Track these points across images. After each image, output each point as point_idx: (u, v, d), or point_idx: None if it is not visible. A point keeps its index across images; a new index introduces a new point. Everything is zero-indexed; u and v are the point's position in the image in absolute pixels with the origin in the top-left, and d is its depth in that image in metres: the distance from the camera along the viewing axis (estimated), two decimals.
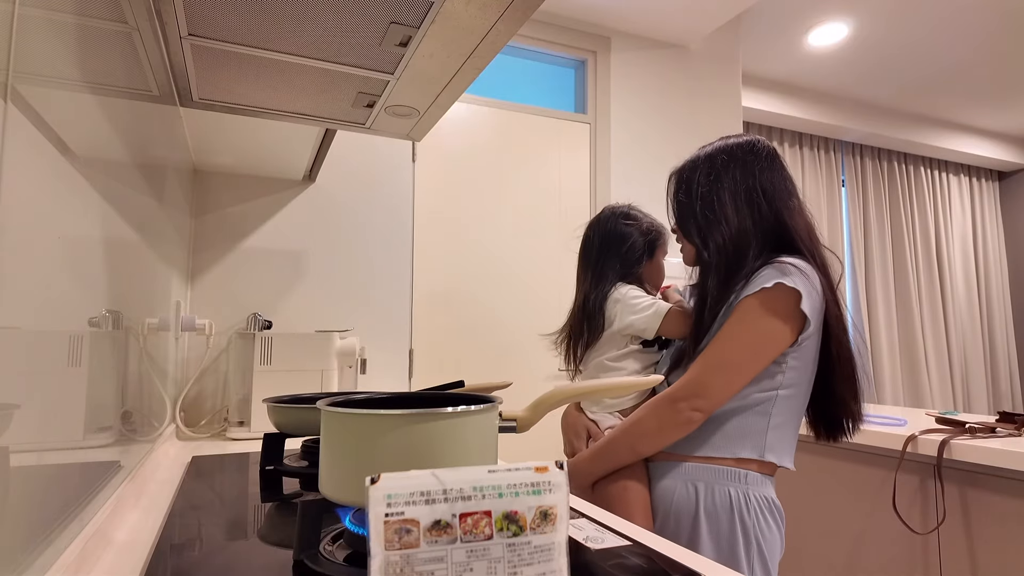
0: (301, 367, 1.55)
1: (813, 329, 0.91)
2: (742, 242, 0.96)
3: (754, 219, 0.97)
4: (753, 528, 0.89)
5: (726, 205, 0.97)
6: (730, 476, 0.91)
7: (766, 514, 0.91)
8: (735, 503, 0.90)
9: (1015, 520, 1.23)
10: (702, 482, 0.92)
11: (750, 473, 0.92)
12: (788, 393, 0.93)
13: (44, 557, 0.49)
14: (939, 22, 2.93)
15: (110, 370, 0.75)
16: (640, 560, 0.63)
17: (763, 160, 1.00)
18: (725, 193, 0.98)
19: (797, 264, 0.91)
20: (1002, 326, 4.53)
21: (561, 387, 0.69)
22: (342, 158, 1.90)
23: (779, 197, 0.99)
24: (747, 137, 1.03)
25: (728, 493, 0.90)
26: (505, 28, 0.84)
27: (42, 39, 0.46)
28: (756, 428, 0.92)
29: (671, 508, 0.94)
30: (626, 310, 1.13)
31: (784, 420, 0.93)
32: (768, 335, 0.89)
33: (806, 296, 0.88)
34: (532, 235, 2.33)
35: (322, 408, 0.58)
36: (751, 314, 0.90)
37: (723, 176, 0.99)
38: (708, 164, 1.01)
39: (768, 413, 0.92)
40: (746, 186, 0.98)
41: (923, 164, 4.37)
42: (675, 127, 2.64)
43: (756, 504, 0.90)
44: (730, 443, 0.92)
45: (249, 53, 0.94)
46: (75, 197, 0.57)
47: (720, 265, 0.97)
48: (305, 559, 0.58)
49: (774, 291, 0.89)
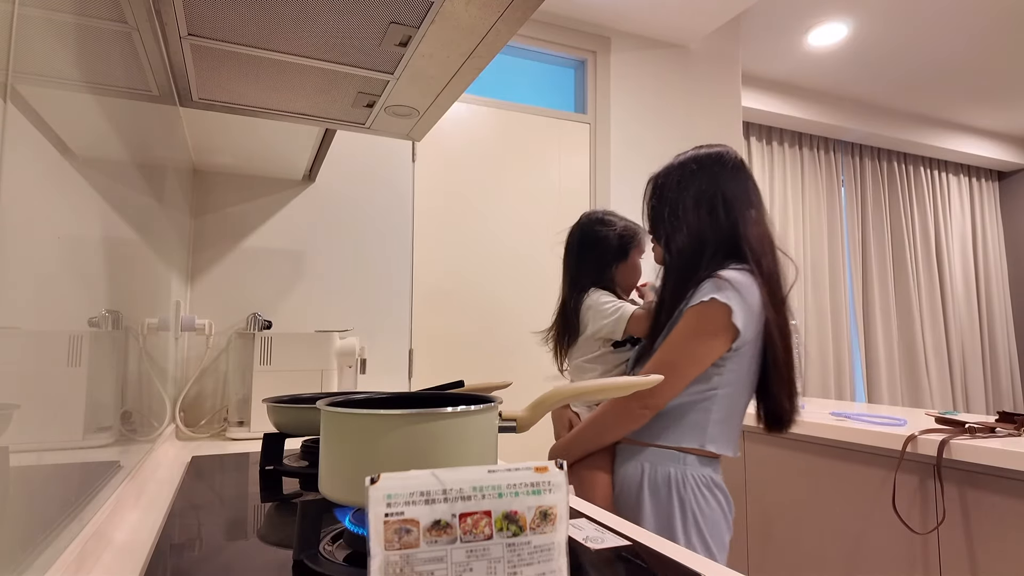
0: (301, 367, 1.55)
1: (749, 338, 1.02)
2: (698, 247, 1.06)
3: (712, 226, 1.06)
4: (690, 502, 1.02)
5: (689, 211, 1.08)
6: (672, 458, 1.05)
7: (704, 491, 1.03)
8: (674, 480, 1.03)
9: (1015, 520, 1.23)
10: (648, 462, 1.06)
11: (689, 456, 1.05)
12: (727, 392, 1.04)
13: (44, 557, 0.49)
14: (938, 22, 2.93)
15: (110, 370, 0.75)
16: (640, 560, 0.63)
17: (729, 170, 1.10)
18: (690, 200, 1.08)
19: (733, 279, 1.01)
20: (1002, 326, 4.54)
21: (561, 387, 0.69)
22: (342, 158, 1.90)
23: (738, 206, 1.07)
24: (718, 148, 1.13)
25: (669, 472, 1.04)
26: (505, 28, 0.84)
27: (42, 39, 0.46)
28: (698, 422, 1.04)
29: (623, 484, 1.09)
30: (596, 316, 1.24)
31: (725, 415, 1.05)
32: (703, 344, 1.01)
33: (737, 310, 0.99)
34: (532, 235, 2.33)
35: (322, 408, 0.58)
36: (689, 324, 1.02)
37: (690, 183, 1.09)
38: (679, 171, 1.12)
39: (709, 410, 1.04)
40: (709, 194, 1.07)
41: (923, 164, 4.37)
42: (675, 127, 2.64)
43: (694, 482, 1.03)
44: (676, 434, 1.05)
45: (249, 53, 0.94)
46: (75, 197, 0.57)
47: (677, 268, 1.08)
48: (305, 559, 0.58)
49: (709, 305, 1.00)
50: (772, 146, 3.71)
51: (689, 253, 1.06)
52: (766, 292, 1.03)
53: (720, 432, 1.05)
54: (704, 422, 1.04)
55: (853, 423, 1.55)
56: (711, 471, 1.06)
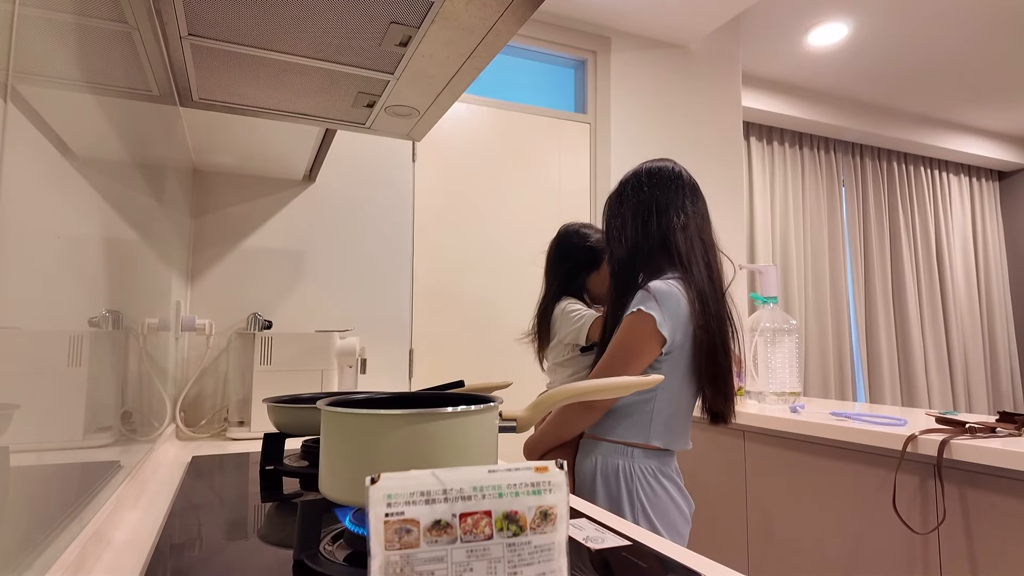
0: (301, 367, 1.55)
1: (678, 343, 1.10)
2: (633, 257, 1.16)
3: (644, 236, 1.15)
4: (637, 490, 1.11)
5: (627, 224, 1.17)
6: (621, 452, 1.14)
7: (651, 480, 1.12)
8: (623, 471, 1.13)
9: (1015, 520, 1.23)
10: (601, 455, 1.16)
11: (636, 450, 1.14)
12: (662, 395, 1.13)
13: (44, 557, 0.49)
14: (939, 22, 2.93)
15: (110, 370, 0.75)
16: (640, 560, 0.63)
17: (664, 180, 1.18)
18: (628, 213, 1.18)
19: (657, 290, 1.09)
20: (1002, 326, 4.53)
21: (561, 387, 0.69)
22: (342, 158, 1.90)
23: (668, 214, 1.15)
24: (661, 161, 1.22)
25: (617, 464, 1.13)
26: (505, 28, 0.84)
27: (42, 39, 0.46)
28: (642, 420, 1.13)
29: (581, 474, 1.19)
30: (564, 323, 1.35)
31: (667, 413, 1.14)
32: (635, 350, 1.10)
33: (661, 320, 1.07)
34: (532, 235, 2.33)
35: (322, 408, 0.58)
36: (622, 332, 1.11)
37: (631, 198, 1.18)
38: (621, 188, 1.22)
39: (650, 410, 1.13)
40: (645, 206, 1.16)
41: (923, 164, 4.37)
42: (675, 127, 2.64)
43: (641, 472, 1.12)
44: (622, 430, 1.15)
45: (249, 53, 0.94)
46: (75, 197, 0.57)
47: (617, 278, 1.18)
48: (305, 559, 0.58)
49: (636, 315, 1.09)
50: (772, 146, 3.71)
51: (627, 263, 1.16)
52: (695, 298, 1.11)
53: (664, 429, 1.14)
54: (647, 420, 1.13)
55: (853, 423, 1.55)
56: (658, 463, 1.14)
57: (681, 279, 1.12)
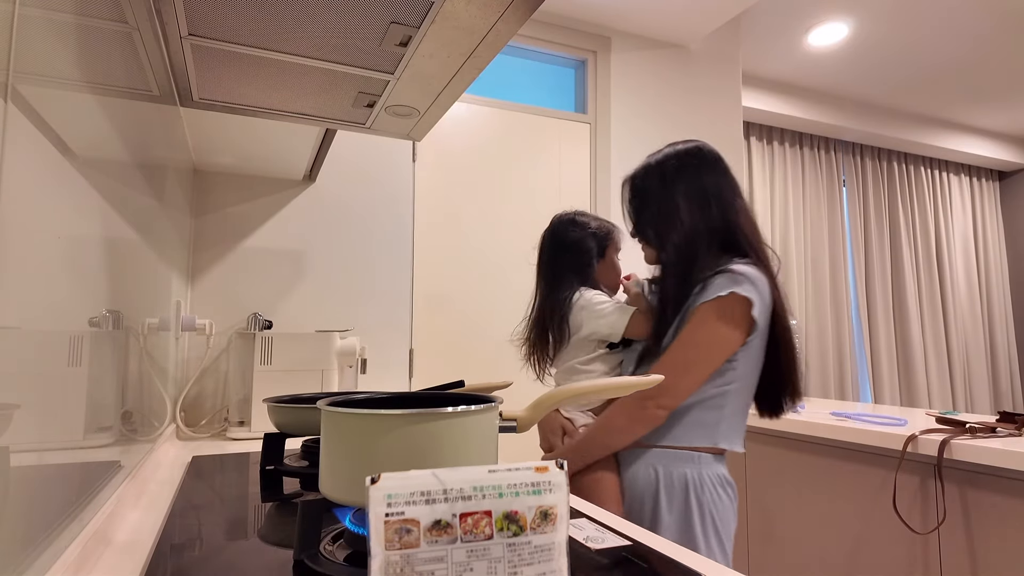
0: (301, 367, 1.55)
1: (761, 330, 1.02)
2: (695, 242, 1.05)
3: (705, 220, 1.06)
4: (708, 503, 1.00)
5: (680, 208, 1.06)
6: (686, 458, 1.02)
7: (718, 489, 1.02)
8: (690, 481, 1.01)
9: (1015, 520, 1.23)
10: (661, 465, 1.03)
11: (702, 455, 1.03)
12: (737, 387, 1.03)
13: (44, 557, 0.49)
14: (939, 22, 2.93)
15: (110, 370, 0.75)
16: (640, 560, 0.63)
17: (709, 163, 1.09)
18: (679, 196, 1.07)
19: (747, 272, 1.00)
20: (1003, 326, 4.53)
21: (561, 387, 0.69)
22: (342, 158, 1.90)
23: (725, 198, 1.07)
24: (693, 143, 1.12)
25: (684, 473, 1.01)
26: (505, 28, 0.84)
27: (42, 39, 0.46)
28: (709, 420, 1.03)
29: (635, 490, 1.05)
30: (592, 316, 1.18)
31: (734, 411, 1.04)
32: (722, 339, 1.00)
33: (757, 303, 0.99)
34: (532, 235, 2.33)
35: (322, 408, 0.58)
36: (708, 320, 1.00)
37: (676, 180, 1.08)
38: (659, 170, 1.11)
39: (721, 407, 1.03)
40: (696, 189, 1.07)
41: (923, 164, 4.37)
42: (675, 127, 2.63)
43: (710, 481, 1.01)
44: (688, 434, 1.03)
45: (249, 53, 0.94)
46: (75, 197, 0.57)
47: (677, 265, 1.06)
48: (305, 559, 0.58)
49: (728, 299, 0.99)
50: (772, 146, 3.71)
51: (686, 250, 1.05)
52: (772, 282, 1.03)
53: (730, 428, 1.04)
54: (716, 419, 1.02)
55: (853, 423, 1.55)
56: (722, 467, 1.05)
57: (755, 263, 1.03)
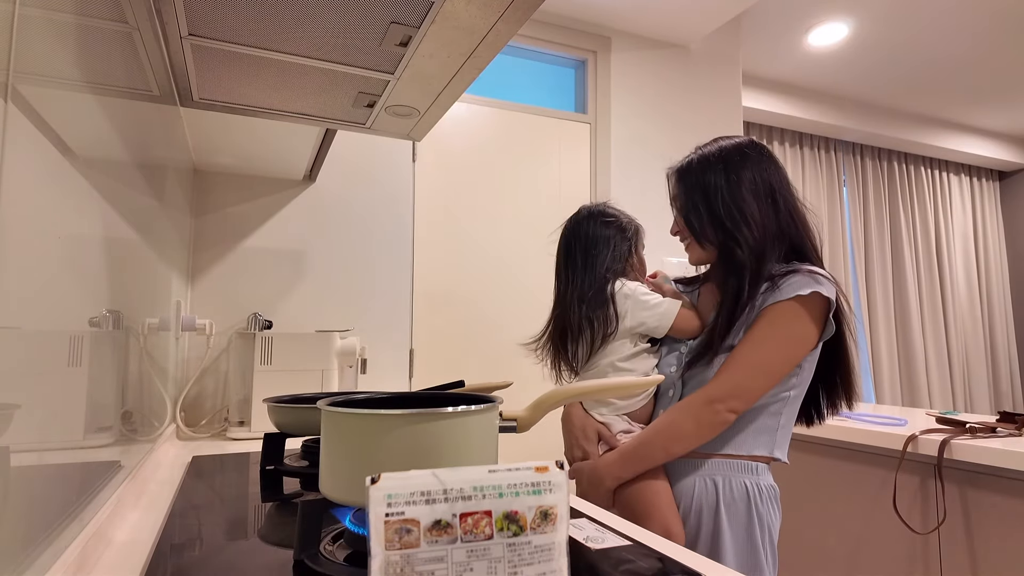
0: (301, 367, 1.55)
1: (827, 334, 0.96)
2: (765, 241, 0.98)
3: (775, 218, 1.00)
4: (767, 516, 0.95)
5: (750, 204, 0.99)
6: (744, 468, 0.97)
7: (772, 501, 0.97)
8: (751, 493, 0.95)
9: (1015, 520, 1.23)
10: (720, 476, 0.97)
11: (760, 465, 0.97)
12: (796, 394, 0.98)
13: (44, 557, 0.49)
14: (939, 22, 2.93)
15: (110, 370, 0.75)
16: (640, 560, 0.63)
17: (767, 159, 1.03)
18: (747, 192, 0.99)
19: (824, 273, 0.95)
20: (1003, 326, 4.53)
21: (561, 387, 0.69)
22: (342, 158, 1.90)
23: (789, 197, 1.02)
24: (745, 137, 1.06)
25: (744, 484, 0.95)
26: (505, 28, 0.84)
27: (42, 39, 0.46)
28: (769, 428, 0.98)
29: (692, 502, 0.97)
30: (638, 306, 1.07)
31: (788, 419, 0.99)
32: (800, 340, 0.94)
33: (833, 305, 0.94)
34: (532, 235, 2.33)
35: (322, 408, 0.58)
36: (786, 319, 0.93)
37: (741, 175, 1.00)
38: (722, 163, 1.01)
39: (780, 414, 0.98)
40: (763, 184, 1.00)
41: (923, 164, 4.37)
42: (675, 127, 2.63)
43: (767, 493, 0.96)
44: (747, 442, 0.97)
45: (249, 53, 0.94)
46: (75, 197, 0.57)
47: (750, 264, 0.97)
48: (305, 559, 0.58)
49: (810, 299, 0.93)
50: (772, 146, 3.71)
51: (760, 248, 0.97)
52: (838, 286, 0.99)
53: (784, 436, 0.99)
54: (774, 427, 0.97)
55: (854, 423, 1.55)
56: (773, 479, 0.99)
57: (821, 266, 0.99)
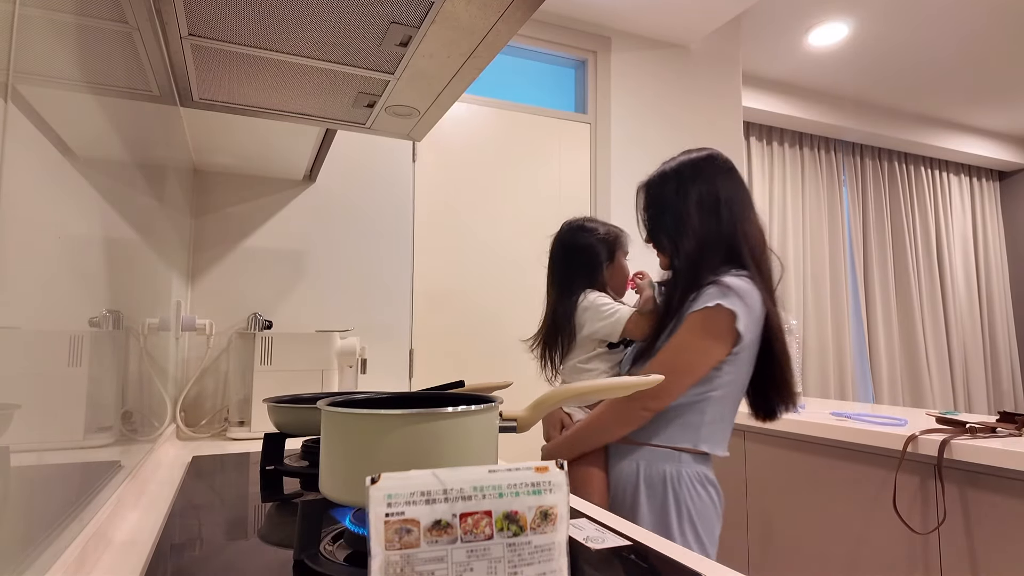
0: (301, 367, 1.55)
1: (748, 343, 1.05)
2: (704, 251, 1.08)
3: (715, 229, 1.09)
4: (685, 497, 1.05)
5: (692, 216, 1.10)
6: (667, 457, 1.08)
7: (697, 487, 1.07)
8: (669, 477, 1.06)
9: (1015, 520, 1.23)
10: (644, 461, 1.09)
11: (683, 455, 1.08)
12: (721, 394, 1.07)
13: (44, 557, 0.49)
14: (939, 22, 2.93)
15: (110, 370, 0.75)
16: (640, 560, 0.63)
17: (723, 172, 1.13)
18: (692, 205, 1.10)
19: (736, 285, 1.03)
20: (1003, 326, 4.53)
21: (561, 387, 0.69)
22: (342, 158, 1.90)
23: (736, 208, 1.10)
24: (707, 150, 1.16)
25: (664, 470, 1.07)
26: (505, 28, 0.84)
27: (42, 39, 0.46)
28: (693, 424, 1.08)
29: (619, 483, 1.12)
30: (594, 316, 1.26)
31: (716, 416, 1.08)
32: (707, 349, 1.04)
33: (742, 316, 1.02)
34: (532, 235, 2.33)
35: (322, 408, 0.58)
36: (694, 329, 1.05)
37: (690, 188, 1.11)
38: (675, 177, 1.14)
39: (704, 411, 1.07)
40: (711, 198, 1.10)
41: (923, 164, 4.37)
42: (675, 127, 2.64)
43: (688, 479, 1.06)
44: (670, 434, 1.08)
45: (249, 53, 0.94)
46: (75, 197, 0.57)
47: (686, 272, 1.09)
48: (305, 559, 0.58)
49: (714, 311, 1.02)
50: (772, 146, 3.71)
51: (697, 257, 1.08)
52: (766, 295, 1.06)
53: (712, 432, 1.08)
54: (698, 423, 1.07)
55: (853, 423, 1.55)
56: (704, 468, 1.09)
57: (751, 277, 1.06)
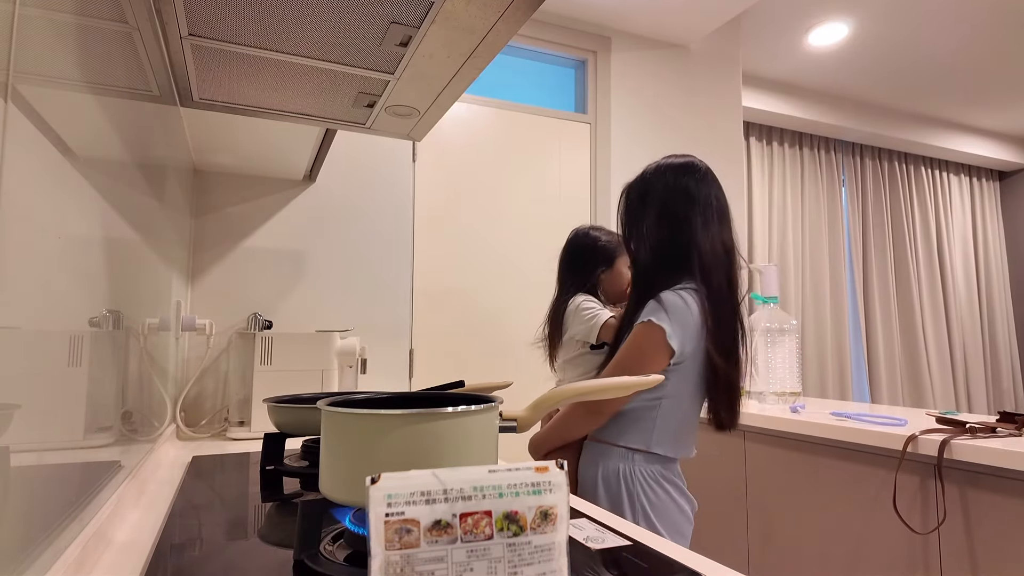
0: (301, 367, 1.55)
1: (688, 354, 1.09)
2: (656, 260, 1.13)
3: (669, 240, 1.12)
4: (638, 493, 1.11)
5: (651, 226, 1.13)
6: (622, 456, 1.14)
7: (652, 484, 1.12)
8: (623, 474, 1.13)
9: (1016, 520, 1.23)
10: (602, 458, 1.15)
11: (636, 454, 1.13)
12: (671, 402, 1.12)
13: (44, 557, 0.49)
14: (939, 22, 2.93)
15: (110, 370, 0.75)
16: (640, 560, 0.63)
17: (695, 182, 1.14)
18: (652, 214, 1.13)
19: (669, 301, 1.07)
20: (1003, 326, 4.53)
21: (561, 387, 0.69)
22: (342, 158, 1.90)
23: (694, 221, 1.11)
24: (687, 158, 1.18)
25: (618, 467, 1.13)
26: (505, 28, 0.84)
27: (42, 39, 0.46)
28: (645, 427, 1.12)
29: (584, 475, 1.19)
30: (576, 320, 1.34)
31: (668, 421, 1.12)
32: (644, 359, 1.09)
33: (671, 332, 1.06)
34: (532, 235, 2.33)
35: (322, 408, 0.58)
36: (635, 340, 1.10)
37: (654, 197, 1.14)
38: (643, 185, 1.18)
39: (655, 417, 1.12)
40: (669, 209, 1.12)
41: (923, 164, 4.37)
42: (675, 127, 2.64)
43: (642, 476, 1.12)
44: (625, 435, 1.14)
45: (249, 53, 0.94)
46: (75, 197, 0.57)
47: (639, 282, 1.15)
48: (305, 559, 0.58)
49: (646, 326, 1.08)
50: (772, 146, 3.71)
51: (650, 268, 1.13)
52: (708, 310, 1.09)
53: (667, 436, 1.13)
54: (650, 427, 1.12)
55: (853, 423, 1.55)
56: (659, 467, 1.14)
57: (695, 290, 1.09)
